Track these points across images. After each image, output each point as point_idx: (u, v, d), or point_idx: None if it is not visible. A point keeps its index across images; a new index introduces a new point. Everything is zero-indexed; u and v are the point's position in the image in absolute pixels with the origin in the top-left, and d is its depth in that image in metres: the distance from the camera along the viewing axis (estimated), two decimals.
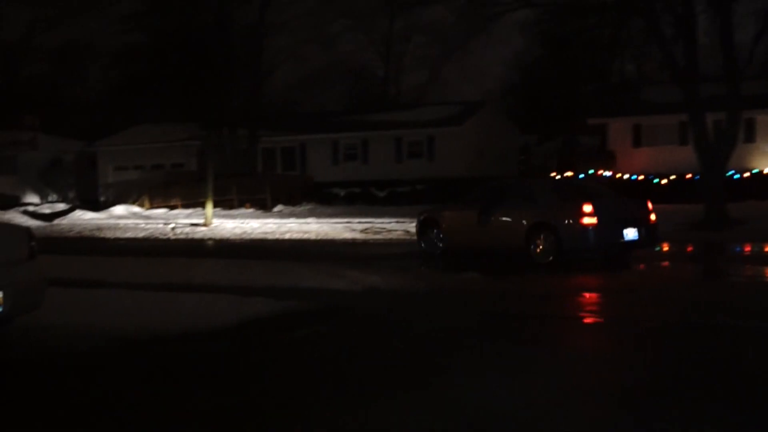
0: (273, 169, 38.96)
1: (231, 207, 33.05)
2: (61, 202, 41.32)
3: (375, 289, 11.32)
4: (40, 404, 6.03)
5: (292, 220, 27.85)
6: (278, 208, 32.82)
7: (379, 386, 6.22)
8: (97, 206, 37.36)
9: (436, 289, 11.59)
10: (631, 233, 13.47)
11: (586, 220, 13.12)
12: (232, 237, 23.56)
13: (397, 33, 56.30)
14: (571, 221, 13.27)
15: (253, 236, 23.53)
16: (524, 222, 13.87)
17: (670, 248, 16.73)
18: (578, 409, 5.57)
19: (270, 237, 22.90)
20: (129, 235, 25.35)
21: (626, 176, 31.12)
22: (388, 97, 54.32)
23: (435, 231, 15.70)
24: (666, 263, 15.74)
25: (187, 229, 25.91)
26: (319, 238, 21.85)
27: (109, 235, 25.51)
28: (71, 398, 6.18)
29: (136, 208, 34.71)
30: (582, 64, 45.04)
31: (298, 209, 32.36)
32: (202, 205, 28.21)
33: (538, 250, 13.61)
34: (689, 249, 17.74)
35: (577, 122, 38.68)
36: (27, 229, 7.75)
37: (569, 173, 32.39)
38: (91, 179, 43.28)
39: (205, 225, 26.50)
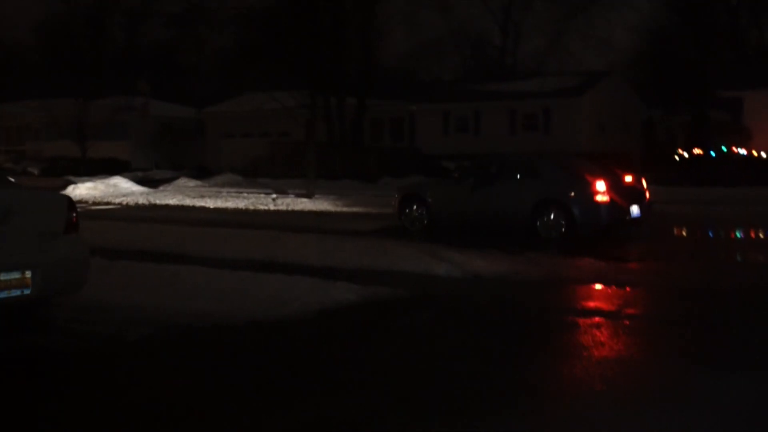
0: (380, 139, 37.73)
1: (335, 178, 31.99)
2: (170, 168, 41.46)
3: (479, 276, 9.79)
4: (42, 400, 4.87)
5: None
6: (384, 180, 31.55)
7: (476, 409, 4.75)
8: (203, 173, 37.12)
9: (551, 278, 9.89)
10: (635, 210, 13.78)
11: (599, 198, 13.33)
12: (334, 209, 22.41)
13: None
14: (583, 198, 13.39)
15: (355, 209, 22.32)
16: (530, 198, 13.79)
17: None
18: None
19: (373, 211, 21.62)
20: (229, 204, 24.58)
21: (764, 154, 28.28)
22: (506, 68, 52.07)
23: (419, 206, 15.39)
24: None
25: (288, 200, 24.94)
26: None
27: (209, 204, 24.79)
28: (77, 399, 5.01)
29: (240, 177, 34.15)
30: (716, 31, 41.60)
31: (404, 182, 30.96)
32: (306, 176, 27.27)
33: (547, 227, 13.53)
34: None
35: (708, 95, 35.77)
36: (65, 198, 6.62)
37: (698, 150, 29.81)
38: (199, 146, 43.27)
39: (307, 196, 25.49)
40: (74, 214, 6.39)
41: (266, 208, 23.45)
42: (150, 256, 11.45)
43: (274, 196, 26.41)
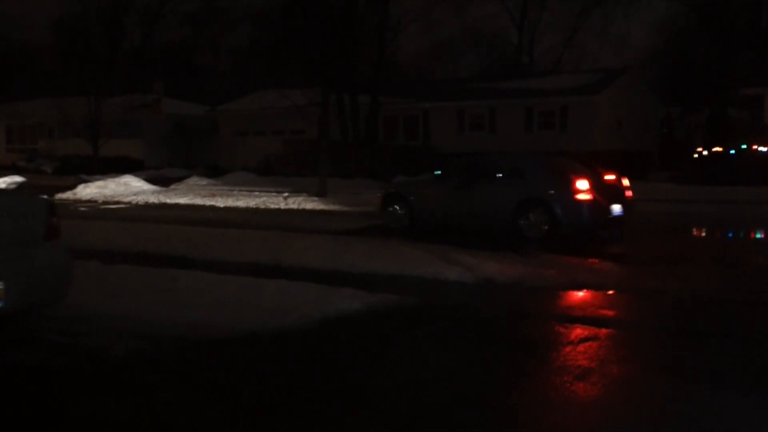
0: (394, 138, 37.27)
1: (348, 177, 31.59)
2: (183, 166, 41.20)
3: (491, 281, 9.35)
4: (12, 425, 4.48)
5: None
6: (399, 179, 31.07)
7: None
8: (216, 171, 36.81)
9: (569, 282, 9.40)
10: (617, 209, 13.72)
11: (581, 196, 13.27)
12: (346, 209, 22.00)
13: None
14: (565, 197, 13.35)
15: (368, 209, 21.88)
16: (513, 197, 13.76)
17: None
18: None
19: None
20: (240, 203, 24.23)
21: None
22: (522, 66, 51.41)
23: (401, 206, 15.37)
24: None
25: (300, 198, 24.53)
26: None
27: (220, 203, 24.45)
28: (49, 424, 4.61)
29: (252, 175, 33.80)
30: (735, 27, 40.89)
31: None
32: (322, 174, 26.85)
33: (529, 226, 13.52)
34: None
35: (727, 92, 35.10)
36: (46, 203, 6.17)
37: (718, 148, 29.21)
38: (212, 144, 42.98)
39: (318, 195, 25.09)
40: (55, 219, 5.97)
41: (277, 207, 23.09)
42: (151, 259, 11.08)
43: (285, 194, 26.03)
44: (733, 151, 28.49)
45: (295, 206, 23.03)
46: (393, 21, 37.42)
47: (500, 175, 14.59)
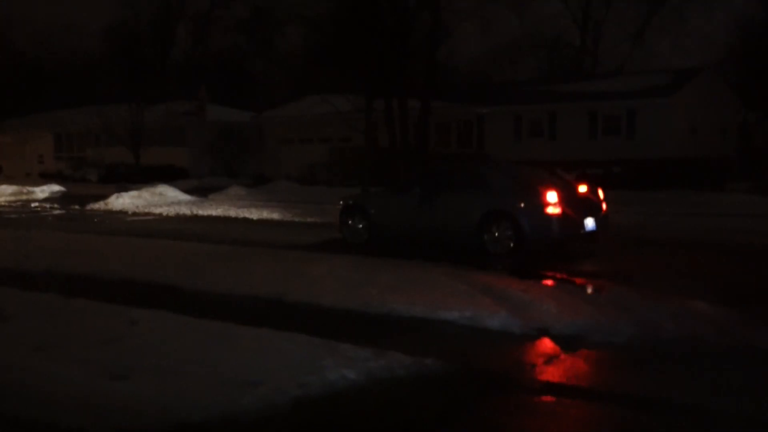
0: (446, 145, 35.02)
1: None
2: (226, 174, 39.69)
3: (546, 331, 7.11)
4: None
5: None
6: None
7: None
8: (260, 180, 35.11)
9: (654, 336, 7.05)
10: (590, 223, 12.77)
11: (550, 210, 12.32)
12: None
13: None
14: (533, 210, 12.42)
15: None
16: (477, 209, 12.84)
17: None
18: None
19: None
20: (275, 215, 22.37)
21: None
22: (584, 69, 48.63)
23: (360, 218, 14.51)
24: None
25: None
26: None
27: (254, 215, 22.59)
28: None
29: (295, 185, 31.95)
30: None
31: None
32: (366, 183, 24.95)
33: (494, 240, 12.62)
34: None
35: None
36: None
37: None
38: (257, 152, 41.39)
39: None
40: None
41: (314, 220, 21.15)
42: (134, 289, 9.21)
43: (325, 206, 24.13)
44: None
45: (331, 219, 21.06)
46: (444, 20, 35.23)
47: (465, 185, 13.58)
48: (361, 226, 14.57)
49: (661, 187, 26.38)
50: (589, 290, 9.09)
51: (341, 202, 15.50)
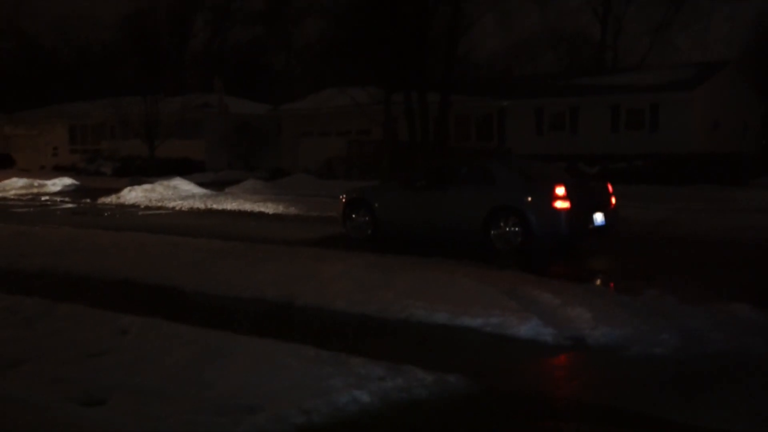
0: (466, 139, 34.29)
1: None
2: (243, 167, 39.13)
3: (582, 342, 6.43)
4: None
5: None
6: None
7: None
8: (277, 174, 34.52)
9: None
10: (599, 218, 12.44)
11: (559, 204, 11.98)
12: None
13: None
14: (541, 205, 12.10)
15: None
16: (483, 205, 12.56)
17: None
18: None
19: None
20: (291, 210, 21.80)
21: None
22: (605, 65, 47.75)
23: (364, 212, 14.12)
24: None
25: None
26: None
27: (269, 209, 22.03)
28: None
29: (312, 178, 31.32)
30: None
31: None
32: (385, 177, 24.29)
33: (501, 236, 12.36)
34: None
35: None
36: None
37: None
38: (274, 144, 40.80)
39: None
40: None
41: (330, 214, 20.55)
42: (124, 291, 8.65)
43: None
44: None
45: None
46: (465, 12, 34.40)
47: (471, 180, 13.29)
48: (364, 220, 14.19)
49: (684, 182, 25.70)
50: (622, 293, 8.40)
51: (344, 196, 14.99)
